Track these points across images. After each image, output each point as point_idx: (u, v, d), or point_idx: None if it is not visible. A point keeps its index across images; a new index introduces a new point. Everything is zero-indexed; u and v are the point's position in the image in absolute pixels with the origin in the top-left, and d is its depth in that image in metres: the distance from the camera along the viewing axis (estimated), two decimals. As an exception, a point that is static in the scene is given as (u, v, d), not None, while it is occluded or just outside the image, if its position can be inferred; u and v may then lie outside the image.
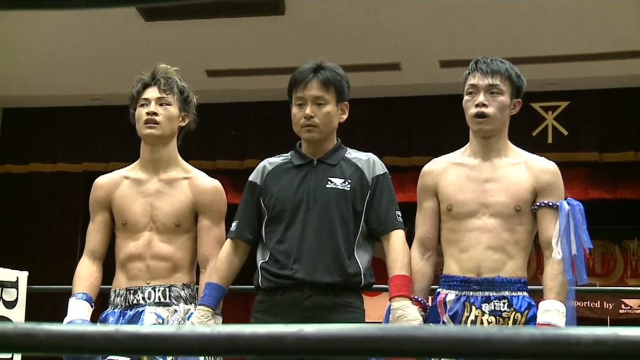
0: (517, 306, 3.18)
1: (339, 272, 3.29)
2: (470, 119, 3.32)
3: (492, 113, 3.27)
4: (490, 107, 3.27)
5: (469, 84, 3.34)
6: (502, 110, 3.29)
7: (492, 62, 3.33)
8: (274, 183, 3.44)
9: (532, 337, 0.84)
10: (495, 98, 3.29)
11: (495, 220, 3.24)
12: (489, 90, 3.29)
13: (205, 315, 3.31)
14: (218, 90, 8.59)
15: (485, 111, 3.27)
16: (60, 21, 7.54)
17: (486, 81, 3.29)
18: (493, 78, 3.29)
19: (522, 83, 3.37)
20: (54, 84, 8.79)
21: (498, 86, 3.29)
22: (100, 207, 3.62)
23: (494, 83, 3.29)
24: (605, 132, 8.67)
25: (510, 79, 3.32)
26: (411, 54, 8.06)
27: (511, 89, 3.32)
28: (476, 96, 3.30)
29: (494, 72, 3.30)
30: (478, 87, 3.30)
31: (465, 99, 3.35)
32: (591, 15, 7.27)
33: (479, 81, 3.31)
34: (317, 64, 3.43)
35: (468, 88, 3.34)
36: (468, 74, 3.37)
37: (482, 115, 3.27)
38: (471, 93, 3.32)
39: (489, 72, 3.30)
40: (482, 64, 3.33)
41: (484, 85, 3.29)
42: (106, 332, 0.93)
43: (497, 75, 3.30)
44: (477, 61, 3.37)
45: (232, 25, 7.65)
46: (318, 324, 0.92)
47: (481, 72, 3.31)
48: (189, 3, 1.21)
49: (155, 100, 3.53)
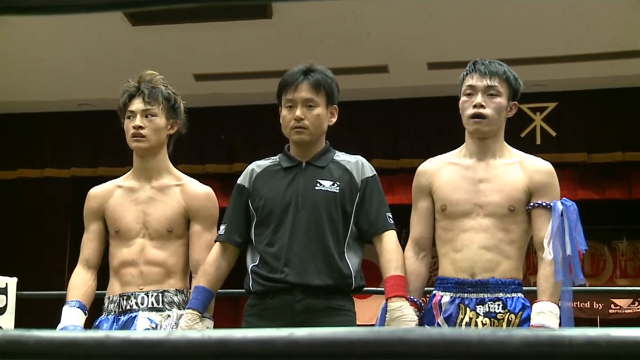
0: (511, 307, 3.18)
1: (330, 275, 3.29)
2: (467, 120, 3.31)
3: (490, 114, 3.27)
4: (488, 108, 3.27)
5: (467, 84, 3.33)
6: (500, 112, 3.29)
7: (491, 64, 3.32)
8: (263, 186, 3.44)
9: (525, 338, 0.84)
10: (492, 99, 3.28)
11: (489, 220, 3.24)
12: (487, 92, 3.28)
13: (193, 319, 3.31)
14: (206, 94, 8.59)
15: (483, 112, 3.27)
16: (47, 26, 7.52)
17: (484, 82, 3.28)
18: (491, 79, 3.28)
19: (519, 86, 3.37)
20: (41, 90, 8.77)
21: (496, 87, 3.28)
22: (94, 217, 3.65)
23: (492, 84, 3.28)
24: (593, 133, 8.70)
25: (508, 81, 3.31)
26: (399, 57, 8.07)
27: (509, 91, 3.32)
28: (474, 97, 3.29)
29: (492, 74, 3.29)
30: (476, 88, 3.29)
31: (463, 100, 3.34)
32: (579, 16, 7.29)
33: (477, 82, 3.30)
34: (307, 66, 3.43)
35: (465, 89, 3.33)
36: (465, 75, 3.36)
37: (480, 116, 3.27)
38: (469, 94, 3.31)
39: (487, 73, 3.29)
40: (480, 65, 3.32)
41: (482, 86, 3.28)
42: (96, 338, 0.92)
43: (495, 76, 3.29)
44: (475, 62, 3.36)
45: (219, 29, 7.64)
46: (309, 328, 0.92)
47: (479, 73, 3.30)
48: (177, 7, 1.21)
49: (141, 112, 3.54)
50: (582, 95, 8.67)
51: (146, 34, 7.75)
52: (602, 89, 8.60)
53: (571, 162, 8.69)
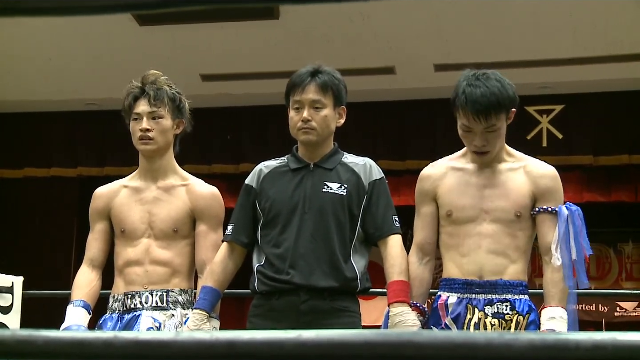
0: (519, 309, 3.18)
1: (336, 277, 3.29)
2: (469, 150, 3.28)
3: (492, 149, 3.21)
4: (489, 145, 3.19)
5: (462, 123, 3.19)
6: (501, 138, 3.23)
7: (483, 99, 3.12)
8: (270, 186, 3.44)
9: (531, 342, 0.84)
10: (492, 134, 3.18)
11: (495, 226, 3.22)
12: (486, 131, 3.17)
13: (200, 319, 3.31)
14: (213, 94, 8.59)
15: (485, 150, 3.21)
16: (55, 26, 7.53)
17: (481, 126, 3.15)
18: (487, 120, 3.13)
19: (515, 98, 3.22)
20: (48, 89, 8.78)
21: (493, 126, 3.16)
22: (100, 217, 3.65)
23: (489, 125, 3.15)
24: (599, 135, 8.68)
25: (504, 108, 3.17)
26: (405, 58, 8.06)
27: (506, 115, 3.20)
28: (472, 136, 3.18)
29: (488, 114, 3.12)
30: (474, 130, 3.17)
31: (461, 134, 3.23)
32: (586, 18, 7.29)
33: (473, 125, 3.16)
34: (314, 67, 3.43)
35: (461, 126, 3.20)
36: (458, 106, 3.18)
37: (482, 152, 3.22)
38: (467, 131, 3.20)
39: (481, 114, 3.12)
40: (471, 105, 3.13)
41: (479, 129, 3.16)
42: (105, 338, 0.93)
43: (491, 115, 3.13)
44: (465, 97, 3.14)
45: (226, 30, 7.65)
46: (317, 330, 0.92)
47: (473, 116, 3.13)
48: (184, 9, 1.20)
49: (147, 115, 3.54)
50: (588, 98, 8.66)
51: (153, 34, 7.76)
52: (609, 92, 8.58)
53: (577, 164, 8.68)
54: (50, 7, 1.01)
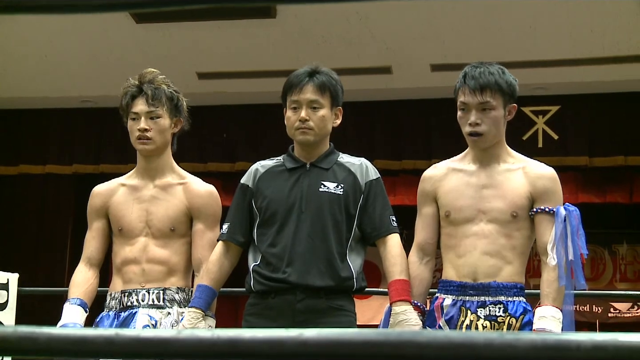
0: (512, 311, 3.18)
1: (332, 276, 3.29)
2: (465, 136, 3.30)
3: (486, 131, 3.23)
4: (484, 124, 3.22)
5: (460, 100, 3.27)
6: (497, 125, 3.25)
7: (481, 76, 3.22)
8: (266, 186, 3.44)
9: (532, 342, 0.84)
10: (487, 114, 3.22)
11: (492, 226, 3.23)
12: (481, 108, 3.22)
13: (196, 317, 3.31)
14: (209, 92, 8.59)
15: (479, 130, 3.23)
16: (52, 23, 7.52)
17: (476, 99, 3.21)
18: (483, 95, 3.21)
19: (514, 88, 3.29)
20: (44, 86, 8.77)
21: (489, 103, 3.21)
22: (97, 215, 3.65)
23: (485, 100, 3.21)
24: (595, 136, 8.70)
25: (501, 90, 3.23)
26: (402, 58, 8.07)
27: (503, 100, 3.24)
28: (468, 114, 3.24)
29: (483, 88, 3.21)
30: (469, 105, 3.23)
31: (459, 115, 3.29)
32: (582, 20, 7.30)
33: (468, 99, 3.23)
34: (312, 68, 3.44)
35: (460, 104, 3.27)
36: (459, 87, 3.29)
37: (476, 134, 3.24)
38: (463, 109, 3.26)
39: (477, 88, 3.21)
40: (470, 80, 3.23)
41: (474, 103, 3.22)
42: (106, 335, 0.93)
43: (487, 91, 3.21)
44: (465, 75, 3.27)
45: (223, 28, 7.65)
46: (318, 329, 0.93)
47: (469, 90, 3.22)
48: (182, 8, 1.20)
49: (145, 114, 3.53)
50: (584, 99, 8.67)
51: (150, 31, 7.75)
52: (605, 93, 8.60)
53: (573, 165, 8.70)
54: (47, 4, 1.01)
